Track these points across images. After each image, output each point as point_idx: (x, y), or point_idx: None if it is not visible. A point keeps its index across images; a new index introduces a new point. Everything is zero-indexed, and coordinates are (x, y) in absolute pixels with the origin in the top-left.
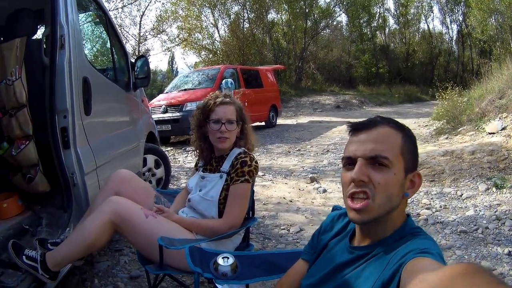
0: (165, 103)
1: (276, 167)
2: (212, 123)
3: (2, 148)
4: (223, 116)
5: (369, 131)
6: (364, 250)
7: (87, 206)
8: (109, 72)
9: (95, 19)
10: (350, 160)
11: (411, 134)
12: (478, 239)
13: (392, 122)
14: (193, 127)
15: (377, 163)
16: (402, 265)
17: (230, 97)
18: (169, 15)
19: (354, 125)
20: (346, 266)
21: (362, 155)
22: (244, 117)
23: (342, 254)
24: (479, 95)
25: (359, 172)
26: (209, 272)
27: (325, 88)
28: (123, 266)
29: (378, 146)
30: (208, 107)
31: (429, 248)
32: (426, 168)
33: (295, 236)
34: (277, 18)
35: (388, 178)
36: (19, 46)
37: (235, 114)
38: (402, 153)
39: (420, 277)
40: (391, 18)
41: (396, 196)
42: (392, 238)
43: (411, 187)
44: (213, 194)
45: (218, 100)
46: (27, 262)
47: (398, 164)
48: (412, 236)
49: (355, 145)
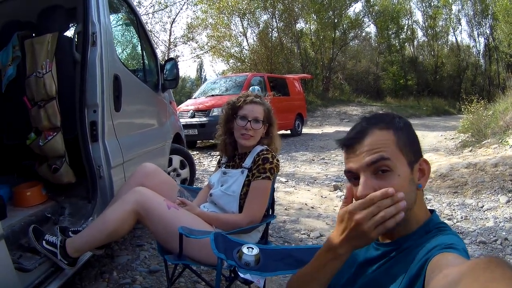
0: (192, 108)
1: (299, 174)
2: (239, 119)
3: (30, 138)
4: (251, 114)
5: (360, 143)
6: (390, 247)
7: (111, 198)
8: (139, 72)
9: (127, 21)
10: (352, 174)
11: (402, 125)
12: (496, 250)
13: (379, 122)
14: (221, 121)
15: (379, 171)
16: (427, 261)
17: (261, 97)
18: (199, 23)
19: (343, 142)
20: (373, 262)
21: (363, 168)
22: (271, 120)
23: (367, 251)
24: (504, 108)
25: (364, 189)
26: (233, 260)
27: (352, 98)
28: (142, 260)
29: (375, 153)
30: (237, 103)
31: (454, 244)
32: (450, 179)
33: (315, 241)
34: (306, 28)
35: (395, 182)
36: (50, 40)
37: (262, 114)
38: (400, 150)
39: (444, 272)
40: (419, 30)
41: (410, 193)
42: (418, 234)
43: (421, 176)
44: (234, 189)
45: (248, 98)
46: (47, 247)
47: (400, 163)
48: (437, 231)
49: (352, 162)
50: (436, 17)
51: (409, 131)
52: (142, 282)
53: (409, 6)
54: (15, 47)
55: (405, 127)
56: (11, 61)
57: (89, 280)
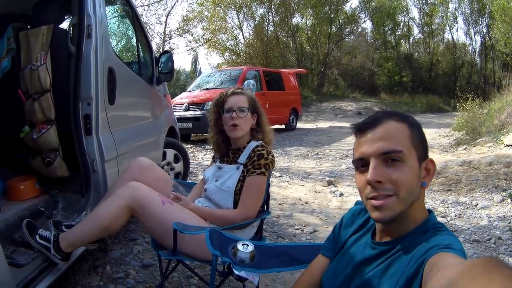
0: (187, 101)
1: (293, 169)
2: (225, 112)
3: (24, 131)
4: (234, 105)
5: (374, 129)
6: (387, 246)
7: (105, 193)
8: (134, 65)
9: (122, 13)
10: (362, 161)
11: (415, 123)
12: (490, 248)
13: (395, 114)
14: (211, 123)
15: (390, 159)
16: (425, 261)
17: (242, 89)
18: (195, 16)
19: (358, 126)
20: (370, 262)
21: (374, 154)
22: (258, 109)
23: (364, 250)
24: (499, 107)
25: (374, 173)
26: (228, 257)
27: (347, 94)
28: (136, 255)
29: (388, 142)
30: (221, 99)
31: (451, 244)
32: (444, 177)
33: (309, 236)
34: (302, 22)
35: (405, 172)
36: (45, 33)
37: (246, 103)
38: (412, 143)
39: (442, 272)
40: (415, 27)
41: (416, 188)
42: (415, 234)
43: (426, 175)
44: (229, 185)
45: (229, 91)
46: (40, 241)
47: (411, 156)
48: (435, 231)
49: (364, 146)
50: (432, 15)
51: (420, 131)
52: (136, 276)
53: (406, 2)
54: (9, 39)
55: (418, 126)
56: (6, 53)
57: (82, 274)
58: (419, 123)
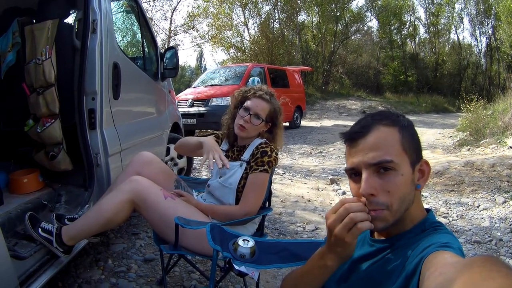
0: (191, 98)
1: (296, 167)
2: (242, 109)
3: (28, 125)
4: (253, 108)
5: (364, 138)
6: (385, 243)
7: (108, 187)
8: (139, 60)
9: (127, 8)
10: (354, 170)
11: (406, 123)
12: (491, 250)
13: (385, 118)
14: (230, 107)
15: (382, 168)
16: (423, 259)
17: (273, 96)
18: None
19: (348, 135)
20: (368, 258)
21: (365, 165)
22: (276, 121)
23: (362, 247)
24: (503, 109)
25: (367, 187)
26: (228, 252)
27: (352, 93)
28: (138, 249)
29: (379, 151)
30: (247, 94)
31: (450, 242)
32: (446, 177)
33: (310, 234)
34: (308, 20)
35: (398, 181)
36: (50, 27)
37: (266, 112)
38: (404, 149)
39: (440, 270)
40: (421, 27)
41: (409, 194)
42: (413, 232)
43: (421, 176)
44: (232, 182)
45: (258, 93)
46: (43, 234)
47: (403, 163)
48: (433, 230)
49: (355, 157)
50: (438, 15)
51: (412, 130)
52: (137, 271)
53: (412, 2)
54: (15, 33)
55: (409, 127)
56: (11, 47)
57: (84, 268)
58: (411, 122)
